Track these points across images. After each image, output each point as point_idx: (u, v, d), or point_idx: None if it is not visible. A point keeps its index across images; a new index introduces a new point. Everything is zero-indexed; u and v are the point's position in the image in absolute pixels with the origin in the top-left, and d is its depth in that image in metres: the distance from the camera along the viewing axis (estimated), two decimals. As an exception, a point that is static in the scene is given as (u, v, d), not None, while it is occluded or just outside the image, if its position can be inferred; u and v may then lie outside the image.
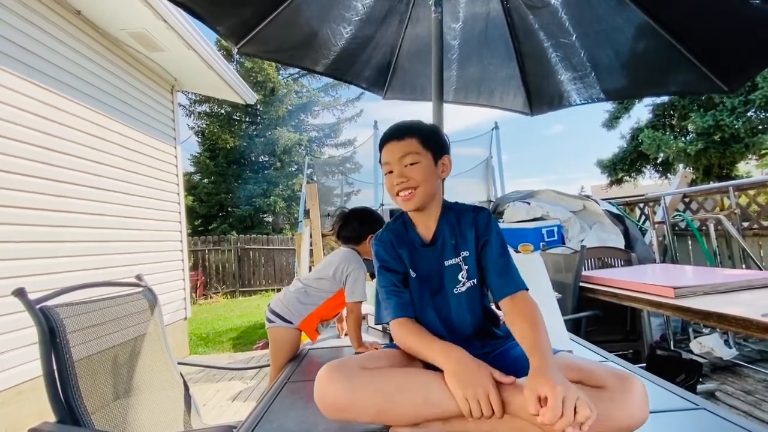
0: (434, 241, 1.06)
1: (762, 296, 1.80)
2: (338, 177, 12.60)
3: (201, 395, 3.28)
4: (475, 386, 0.78)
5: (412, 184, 1.02)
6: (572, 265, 2.83)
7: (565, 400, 0.68)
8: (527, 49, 1.80)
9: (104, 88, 3.62)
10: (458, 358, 0.85)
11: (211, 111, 15.65)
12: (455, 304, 1.03)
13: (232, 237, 10.99)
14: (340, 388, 0.80)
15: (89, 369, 1.39)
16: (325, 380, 0.81)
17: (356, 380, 0.81)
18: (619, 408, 0.74)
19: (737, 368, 2.94)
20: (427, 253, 1.06)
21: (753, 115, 6.45)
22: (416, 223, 1.10)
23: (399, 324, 1.00)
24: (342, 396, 0.79)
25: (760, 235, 3.65)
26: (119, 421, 1.44)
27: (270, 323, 1.67)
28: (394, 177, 1.03)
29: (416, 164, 1.02)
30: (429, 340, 0.93)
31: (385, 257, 1.07)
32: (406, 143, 1.03)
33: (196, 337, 5.45)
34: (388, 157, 1.05)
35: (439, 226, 1.07)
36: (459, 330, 1.03)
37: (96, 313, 1.50)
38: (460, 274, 1.03)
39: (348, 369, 0.83)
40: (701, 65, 1.40)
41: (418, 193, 1.02)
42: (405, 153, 1.02)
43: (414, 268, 1.06)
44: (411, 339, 0.96)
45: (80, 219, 3.23)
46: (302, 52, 1.98)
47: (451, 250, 1.05)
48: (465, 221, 1.06)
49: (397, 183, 1.03)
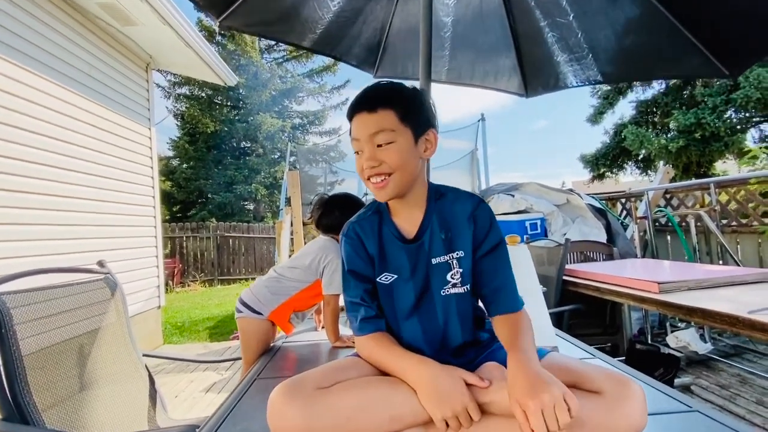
0: (420, 235, 0.89)
1: (743, 292, 1.79)
2: (322, 165, 12.41)
3: (173, 386, 3.16)
4: (453, 404, 0.72)
5: (385, 169, 0.83)
6: (555, 259, 2.81)
7: (544, 411, 0.64)
8: (523, 29, 1.73)
9: (73, 63, 3.39)
10: (430, 375, 0.76)
11: (191, 93, 15.15)
12: (442, 307, 0.88)
13: (211, 224, 10.73)
14: (296, 414, 0.70)
15: (41, 363, 1.28)
16: (279, 404, 0.71)
17: (313, 405, 0.71)
18: (620, 416, 0.68)
19: (712, 362, 2.99)
20: (411, 250, 0.89)
21: (733, 115, 6.58)
22: (396, 213, 0.91)
23: (365, 341, 0.87)
24: (298, 423, 0.70)
25: (738, 231, 3.71)
26: (74, 418, 1.33)
27: (239, 313, 1.59)
28: (363, 159, 0.84)
29: (391, 144, 0.82)
30: (397, 355, 0.82)
31: (354, 260, 0.90)
32: (379, 117, 0.83)
33: (171, 326, 5.29)
34: (357, 133, 0.85)
35: (426, 217, 0.89)
36: (447, 340, 0.89)
37: (50, 302, 1.38)
38: (449, 273, 0.88)
39: (304, 391, 0.72)
40: (704, 48, 1.35)
41: (392, 180, 0.83)
42: (377, 130, 0.82)
43: (392, 269, 0.89)
44: (378, 356, 0.84)
45: (42, 200, 3.02)
46: (288, 26, 1.86)
47: (441, 246, 0.88)
48: (461, 213, 0.89)
49: (366, 167, 0.84)
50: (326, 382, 0.75)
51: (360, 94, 0.87)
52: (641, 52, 1.61)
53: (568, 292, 2.61)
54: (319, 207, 1.64)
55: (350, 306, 0.91)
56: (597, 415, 0.68)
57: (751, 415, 2.23)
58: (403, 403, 0.74)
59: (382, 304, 0.91)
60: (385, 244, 0.90)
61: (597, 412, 0.69)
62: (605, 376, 0.73)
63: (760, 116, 6.64)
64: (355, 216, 0.96)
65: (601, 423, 0.68)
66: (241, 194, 14.18)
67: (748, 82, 5.64)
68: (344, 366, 0.83)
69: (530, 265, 1.57)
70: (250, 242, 10.54)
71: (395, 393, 0.76)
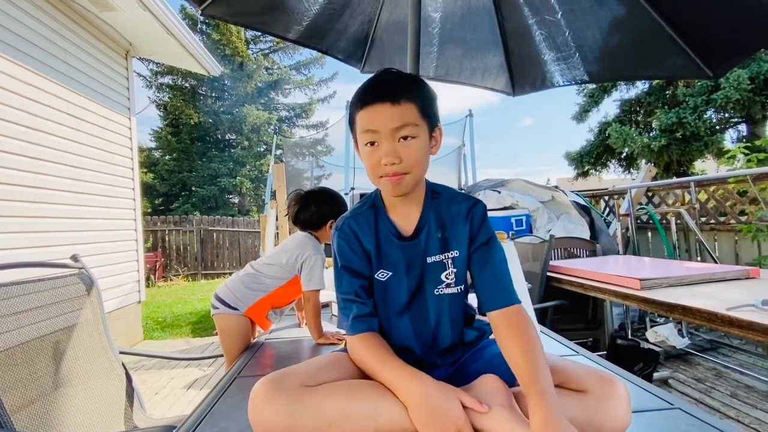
0: (417, 233, 0.86)
1: (721, 289, 1.83)
2: (309, 159, 12.28)
3: (153, 383, 3.10)
4: (445, 426, 0.67)
5: (405, 167, 0.77)
6: (540, 255, 2.83)
7: None
8: (511, 26, 1.71)
9: (46, 48, 3.25)
10: (423, 392, 0.70)
11: (174, 83, 14.80)
12: (435, 307, 0.86)
13: (194, 217, 10.53)
14: (278, 411, 0.67)
15: (10, 362, 1.22)
16: (261, 400, 0.68)
17: (296, 403, 0.68)
18: (605, 416, 0.68)
19: (689, 356, 3.07)
20: (406, 247, 0.86)
21: (713, 115, 6.72)
22: (392, 209, 0.88)
23: (357, 340, 0.83)
24: (279, 421, 0.67)
25: (716, 229, 3.80)
26: (45, 419, 1.28)
27: (214, 309, 1.55)
28: (381, 153, 0.77)
29: (413, 140, 0.77)
30: (390, 364, 0.77)
31: (349, 255, 0.86)
32: (403, 109, 0.76)
33: (153, 322, 5.18)
34: (376, 124, 0.77)
35: (423, 215, 0.86)
36: (437, 339, 0.87)
37: (19, 298, 1.32)
38: (444, 273, 0.85)
39: (288, 388, 0.69)
40: (688, 49, 1.35)
41: (408, 178, 0.79)
42: (402, 124, 0.76)
43: (387, 266, 0.86)
44: (370, 360, 0.79)
45: (12, 191, 2.89)
46: (272, 17, 1.80)
47: (437, 245, 0.85)
48: (458, 213, 0.86)
49: (386, 162, 0.77)
50: (311, 381, 0.72)
51: (377, 82, 0.81)
52: (627, 52, 1.62)
53: (552, 288, 2.63)
54: (295, 202, 1.60)
55: (342, 303, 0.87)
56: (583, 413, 0.68)
57: (726, 407, 2.30)
58: (390, 415, 0.70)
59: (379, 297, 0.87)
60: (382, 240, 0.87)
61: (583, 411, 0.68)
62: (591, 375, 0.73)
63: (739, 117, 6.81)
64: (349, 211, 0.92)
65: (587, 422, 0.67)
66: (226, 187, 13.96)
67: (728, 83, 5.77)
68: (330, 363, 0.80)
69: (516, 262, 1.57)
70: (235, 236, 10.39)
71: (383, 404, 0.71)
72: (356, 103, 0.81)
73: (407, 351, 0.86)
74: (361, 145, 0.82)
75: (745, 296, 1.55)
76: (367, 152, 0.80)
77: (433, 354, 0.87)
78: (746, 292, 1.67)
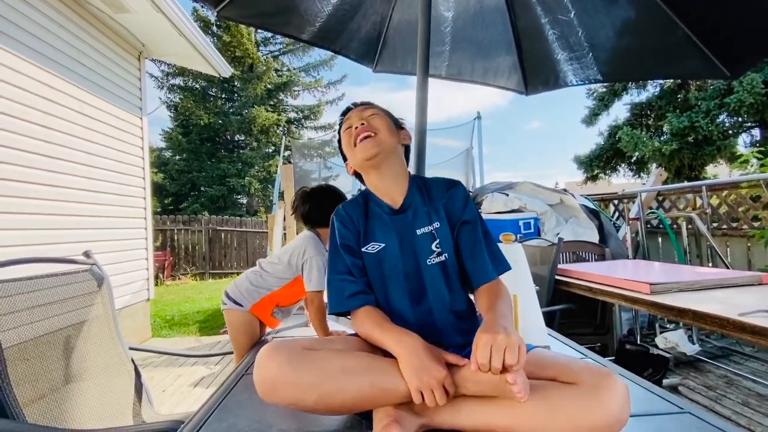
0: (404, 208, 0.99)
1: (734, 294, 1.80)
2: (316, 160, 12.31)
3: (161, 381, 3.13)
4: (429, 377, 0.76)
5: (372, 128, 0.99)
6: (548, 258, 2.81)
7: (493, 347, 0.68)
8: (524, 25, 1.70)
9: (60, 48, 3.30)
10: (412, 346, 0.80)
11: (185, 84, 14.97)
12: (430, 276, 0.95)
13: (203, 217, 10.63)
14: (279, 365, 0.74)
15: (23, 356, 1.24)
16: (264, 358, 0.76)
17: (299, 358, 0.76)
18: (596, 406, 0.66)
19: (699, 363, 3.02)
20: (396, 221, 0.98)
21: (726, 119, 6.63)
22: (381, 193, 1.03)
23: (358, 314, 0.93)
24: (280, 374, 0.73)
25: (728, 235, 3.74)
26: (56, 412, 1.30)
27: (223, 305, 1.59)
28: (353, 123, 1.01)
29: (377, 115, 1.02)
30: (386, 326, 0.88)
31: (344, 233, 0.99)
32: (369, 108, 1.05)
33: (161, 320, 5.23)
34: (349, 121, 1.04)
35: (409, 192, 1.01)
36: (434, 311, 0.94)
37: (33, 293, 1.34)
38: (433, 243, 0.96)
39: (290, 348, 0.78)
40: (704, 48, 1.33)
41: (378, 139, 0.98)
42: (366, 108, 1.04)
43: (381, 240, 0.97)
44: (368, 325, 0.90)
45: (26, 189, 2.94)
46: (286, 18, 1.83)
47: (424, 218, 0.98)
48: (436, 190, 1.02)
49: (356, 125, 1.00)
50: (314, 347, 0.82)
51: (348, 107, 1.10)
52: (642, 51, 1.60)
53: (560, 291, 2.61)
54: (302, 200, 1.62)
55: (336, 283, 0.95)
56: (571, 403, 0.68)
57: (737, 416, 2.26)
58: (384, 371, 0.79)
59: (372, 275, 0.97)
60: (372, 218, 1.00)
61: (571, 401, 0.68)
62: (584, 368, 0.73)
63: (752, 121, 6.71)
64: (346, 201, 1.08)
65: (576, 411, 0.67)
66: (234, 188, 14.06)
67: (741, 86, 5.68)
68: (333, 339, 0.93)
69: (525, 264, 1.56)
70: (243, 236, 10.46)
71: (378, 362, 0.81)
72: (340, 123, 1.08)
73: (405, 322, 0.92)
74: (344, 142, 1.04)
75: (757, 302, 1.52)
76: (345, 135, 1.03)
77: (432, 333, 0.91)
78: (759, 298, 1.64)
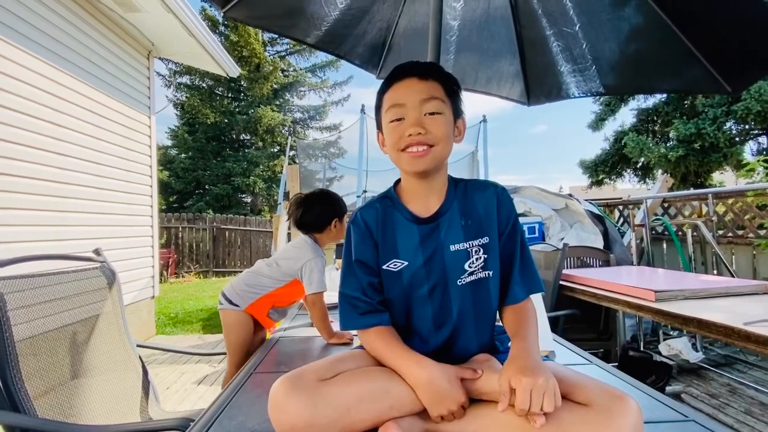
0: (436, 217, 0.84)
1: (739, 303, 1.80)
2: (322, 161, 12.35)
3: (165, 378, 3.15)
4: (449, 404, 0.76)
5: (430, 139, 0.78)
6: (553, 263, 2.81)
7: (533, 392, 0.66)
8: (528, 36, 1.72)
9: (71, 46, 3.34)
10: (428, 378, 0.76)
11: (192, 83, 15.07)
12: (458, 299, 0.84)
13: (208, 215, 10.69)
14: (300, 406, 0.69)
15: (34, 350, 1.26)
16: (282, 397, 0.70)
17: (316, 396, 0.70)
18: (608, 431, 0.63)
19: (702, 371, 3.01)
20: (425, 233, 0.84)
21: (733, 127, 6.60)
22: (412, 198, 0.87)
23: (368, 334, 0.85)
24: (303, 415, 0.69)
25: (734, 243, 3.73)
26: (66, 406, 1.32)
27: (220, 305, 1.63)
28: (406, 125, 0.78)
29: (439, 116, 0.79)
30: (398, 352, 0.81)
31: (361, 248, 0.86)
32: (430, 85, 0.80)
33: (165, 317, 5.26)
34: (402, 97, 0.80)
35: (446, 201, 0.85)
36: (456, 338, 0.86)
37: (44, 288, 1.36)
38: (467, 262, 0.84)
39: (306, 383, 0.72)
40: (707, 63, 1.34)
41: (433, 153, 0.79)
42: (429, 96, 0.79)
43: (404, 256, 0.85)
44: (380, 349, 0.83)
45: (34, 185, 2.97)
46: (293, 21, 1.84)
47: (460, 233, 0.84)
48: (485, 198, 0.86)
49: (411, 132, 0.78)
50: (327, 374, 0.75)
51: (404, 65, 0.85)
52: (644, 65, 1.61)
53: (564, 296, 2.61)
54: (298, 205, 1.63)
55: (349, 300, 0.87)
56: (583, 428, 0.65)
57: (740, 424, 2.25)
58: (401, 394, 0.77)
59: (393, 289, 0.86)
60: (395, 227, 0.86)
61: (582, 426, 0.65)
62: (598, 389, 0.69)
63: (759, 129, 6.68)
64: (366, 203, 0.93)
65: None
66: (239, 187, 14.13)
67: (749, 94, 5.67)
68: (344, 357, 0.83)
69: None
70: (247, 235, 10.50)
71: (394, 385, 0.78)
72: (384, 85, 0.85)
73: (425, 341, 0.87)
74: (385, 124, 0.83)
75: (763, 311, 1.52)
76: (392, 128, 0.82)
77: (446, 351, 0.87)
78: (764, 307, 1.64)
